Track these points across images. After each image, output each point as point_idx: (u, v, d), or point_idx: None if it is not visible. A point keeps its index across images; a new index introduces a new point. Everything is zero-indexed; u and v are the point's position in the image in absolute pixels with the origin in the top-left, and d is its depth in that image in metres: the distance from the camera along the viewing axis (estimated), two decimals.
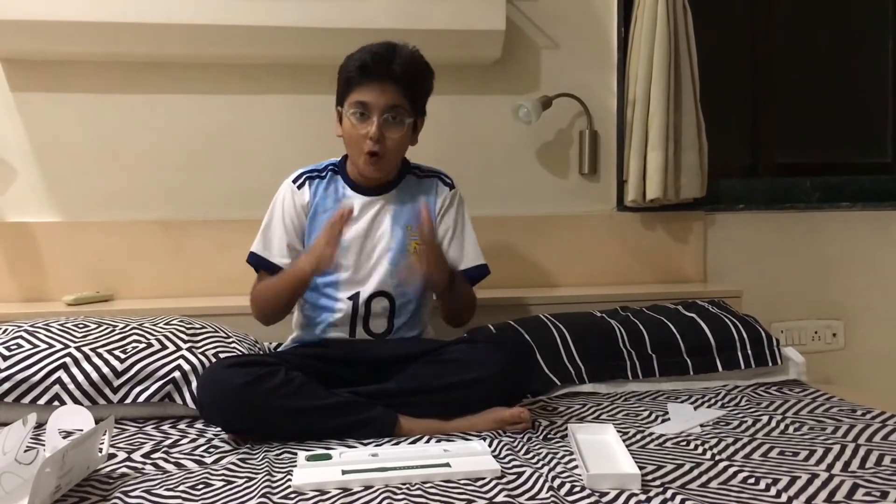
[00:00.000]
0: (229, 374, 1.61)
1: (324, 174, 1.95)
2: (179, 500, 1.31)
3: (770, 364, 2.06)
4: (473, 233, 2.00)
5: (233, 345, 1.92)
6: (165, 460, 1.51)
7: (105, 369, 1.77)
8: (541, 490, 1.32)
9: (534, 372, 1.91)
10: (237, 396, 1.58)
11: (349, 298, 1.87)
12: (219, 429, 1.69)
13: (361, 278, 1.88)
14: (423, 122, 1.94)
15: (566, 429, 1.60)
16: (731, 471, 1.39)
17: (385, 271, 1.88)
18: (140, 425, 1.75)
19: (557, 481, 1.35)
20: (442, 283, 1.79)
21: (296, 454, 1.50)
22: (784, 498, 1.26)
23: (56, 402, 1.72)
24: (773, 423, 1.68)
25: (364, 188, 1.92)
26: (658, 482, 1.34)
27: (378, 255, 1.89)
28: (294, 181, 1.94)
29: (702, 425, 1.68)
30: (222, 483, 1.38)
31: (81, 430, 1.49)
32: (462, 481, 1.36)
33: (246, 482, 1.38)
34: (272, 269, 1.90)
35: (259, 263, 1.92)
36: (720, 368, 2.04)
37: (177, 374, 1.79)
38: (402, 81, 1.80)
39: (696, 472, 1.38)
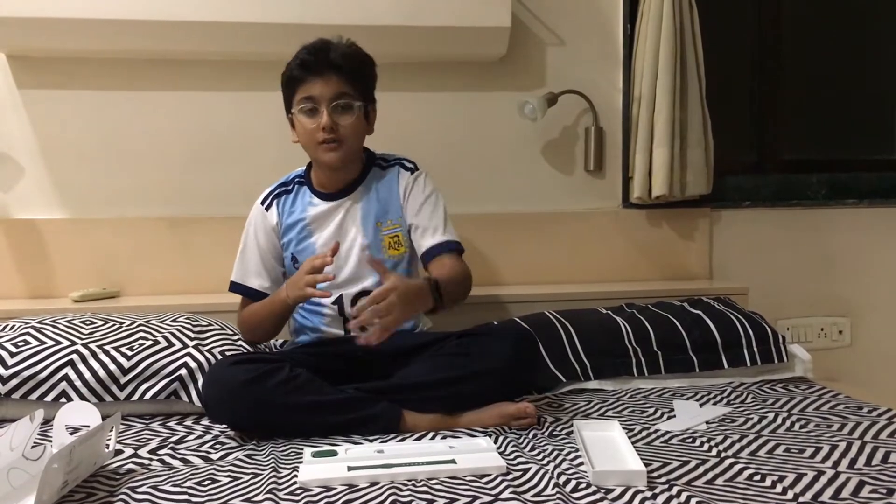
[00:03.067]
0: (233, 372, 1.61)
1: (290, 187, 1.97)
2: (186, 497, 1.32)
3: (776, 361, 2.06)
4: (445, 210, 1.94)
5: (239, 342, 1.92)
6: (172, 456, 1.52)
7: (112, 366, 1.77)
8: (546, 487, 1.32)
9: (539, 364, 1.91)
10: (241, 393, 1.59)
11: (333, 303, 1.88)
12: (225, 425, 1.70)
13: (342, 282, 1.88)
14: (375, 110, 1.94)
15: (572, 425, 1.60)
16: (736, 468, 1.39)
17: (365, 271, 1.88)
18: (147, 422, 1.76)
19: (563, 478, 1.35)
20: (425, 308, 1.69)
21: (302, 450, 1.51)
22: (790, 495, 1.26)
23: (63, 399, 1.73)
24: (779, 421, 1.67)
25: (329, 194, 1.93)
26: (664, 479, 1.34)
27: (355, 255, 1.89)
28: (262, 202, 1.98)
29: (707, 422, 1.68)
30: (229, 479, 1.39)
31: (88, 427, 1.49)
32: (468, 478, 1.36)
33: (252, 478, 1.39)
34: (253, 294, 1.94)
35: (240, 291, 1.96)
36: (726, 365, 2.04)
37: (183, 371, 1.79)
38: (343, 70, 1.83)
39: (701, 469, 1.38)
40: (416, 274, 1.96)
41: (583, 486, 1.31)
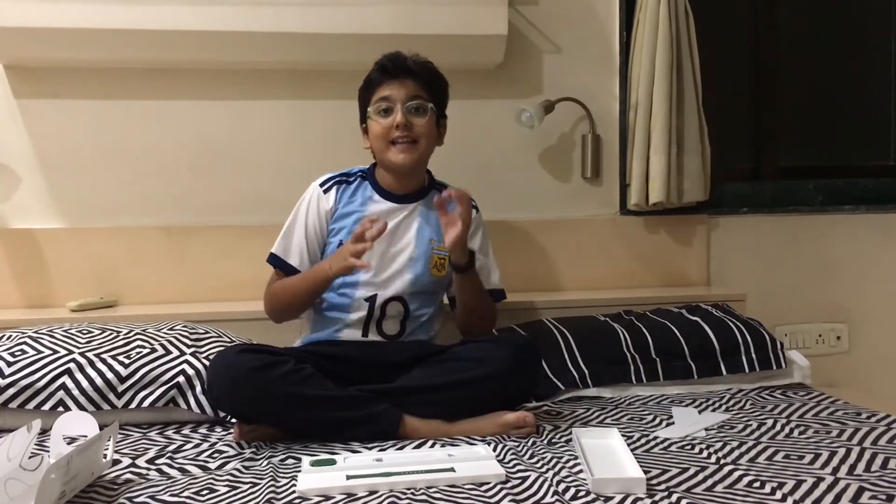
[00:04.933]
0: (240, 359, 1.63)
1: (352, 179, 1.99)
2: None
3: (774, 367, 2.06)
4: (493, 257, 2.06)
5: None
6: (170, 466, 1.51)
7: (109, 375, 1.77)
8: (546, 495, 1.31)
9: (539, 372, 1.91)
10: (246, 380, 1.60)
11: (366, 300, 1.88)
12: (223, 433, 1.70)
13: (381, 282, 1.89)
14: (446, 126, 2.00)
15: (571, 433, 1.60)
16: (736, 475, 1.39)
17: (405, 280, 1.90)
18: (144, 430, 1.75)
19: (562, 486, 1.34)
20: (460, 259, 1.82)
21: (300, 459, 1.51)
22: (789, 502, 1.26)
23: (60, 408, 1.72)
24: (778, 427, 1.67)
25: (392, 195, 1.95)
26: (663, 486, 1.34)
27: (401, 262, 1.91)
28: (322, 184, 1.98)
29: (706, 429, 1.68)
30: (227, 488, 1.38)
31: (86, 436, 1.49)
32: (467, 486, 1.36)
33: (250, 487, 1.38)
34: (290, 271, 1.94)
35: (278, 265, 1.96)
36: (724, 372, 2.04)
37: (181, 378, 1.79)
38: (419, 76, 1.91)
39: (701, 476, 1.38)
40: (441, 302, 2.00)
41: (582, 493, 1.31)
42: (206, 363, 1.82)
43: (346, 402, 1.64)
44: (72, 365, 1.77)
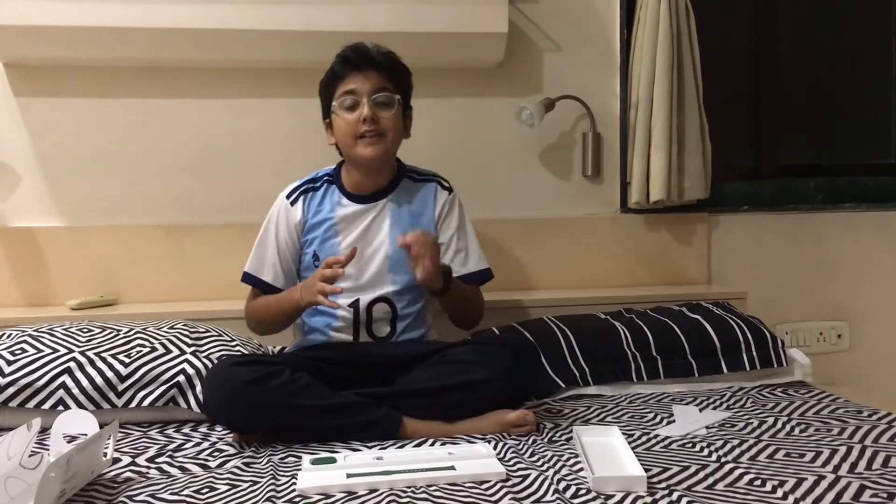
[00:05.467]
0: (234, 372, 1.61)
1: (319, 185, 1.95)
2: None
3: (775, 365, 2.06)
4: (475, 236, 2.00)
5: (236, 348, 1.92)
6: (170, 464, 1.51)
7: (109, 373, 1.77)
8: (546, 493, 1.31)
9: (539, 374, 1.91)
10: (242, 394, 1.58)
11: (350, 305, 1.87)
12: (223, 432, 1.70)
13: (362, 285, 1.87)
14: (412, 117, 1.95)
15: (571, 431, 1.60)
16: (736, 473, 1.38)
17: (386, 279, 1.88)
18: (144, 429, 1.75)
19: (563, 484, 1.34)
20: (435, 286, 1.78)
21: (300, 458, 1.50)
22: (791, 500, 1.25)
23: (60, 407, 1.72)
24: (779, 425, 1.67)
25: (359, 196, 1.92)
26: (664, 484, 1.33)
27: (378, 262, 1.89)
28: (288, 196, 1.95)
29: (707, 427, 1.68)
30: (227, 487, 1.38)
31: (86, 435, 1.48)
32: (467, 484, 1.36)
33: (251, 486, 1.38)
34: (266, 288, 1.93)
35: (253, 283, 1.95)
36: (725, 370, 2.04)
37: (181, 378, 1.79)
38: (383, 67, 1.86)
39: (701, 475, 1.38)
40: (429, 297, 1.95)
41: (583, 492, 1.31)
42: (207, 362, 1.82)
43: (344, 409, 1.63)
44: (72, 364, 1.77)
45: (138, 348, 1.84)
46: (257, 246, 1.96)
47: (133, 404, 1.76)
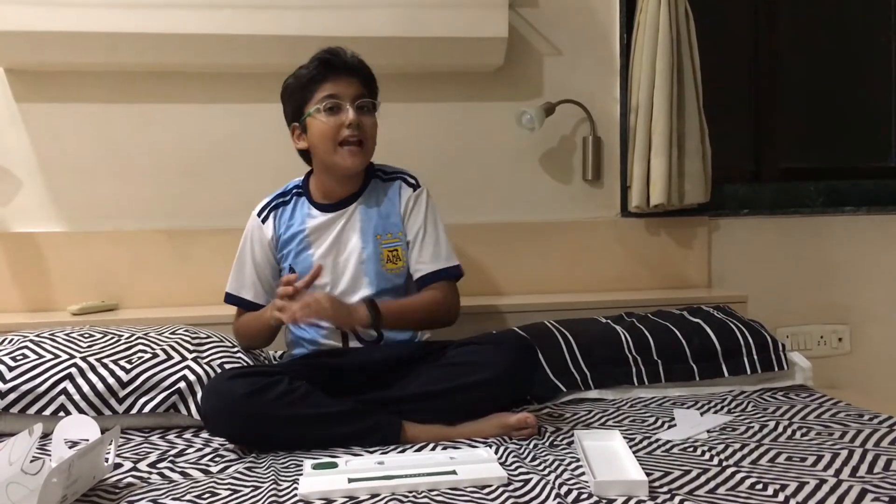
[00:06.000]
0: (232, 385, 1.60)
1: (288, 198, 1.95)
2: None
3: (776, 369, 2.06)
4: (444, 232, 1.95)
5: (238, 354, 1.92)
6: (171, 470, 1.51)
7: (110, 379, 1.77)
8: (548, 497, 1.31)
9: (538, 373, 1.90)
10: (240, 406, 1.58)
11: None
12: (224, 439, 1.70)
13: (340, 293, 1.87)
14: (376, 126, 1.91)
15: (572, 435, 1.60)
16: (738, 477, 1.38)
17: (363, 283, 1.88)
18: (146, 435, 1.75)
19: (564, 488, 1.34)
20: (362, 324, 1.75)
21: (302, 463, 1.50)
22: None
23: (62, 413, 1.72)
24: (781, 429, 1.67)
25: (328, 205, 1.92)
26: (665, 489, 1.33)
27: (353, 267, 1.88)
28: (259, 214, 1.96)
29: (708, 431, 1.67)
30: (229, 492, 1.38)
31: (87, 441, 1.48)
32: (469, 489, 1.36)
33: (252, 491, 1.38)
34: (249, 306, 1.94)
35: (235, 303, 1.96)
36: (726, 374, 2.04)
37: (182, 384, 1.79)
38: (363, 74, 1.86)
39: (703, 479, 1.38)
40: (412, 288, 1.94)
41: (584, 496, 1.31)
42: (208, 369, 1.82)
43: (345, 416, 1.63)
44: (73, 370, 1.77)
45: (139, 354, 1.84)
46: (235, 265, 1.97)
47: (134, 410, 1.76)
